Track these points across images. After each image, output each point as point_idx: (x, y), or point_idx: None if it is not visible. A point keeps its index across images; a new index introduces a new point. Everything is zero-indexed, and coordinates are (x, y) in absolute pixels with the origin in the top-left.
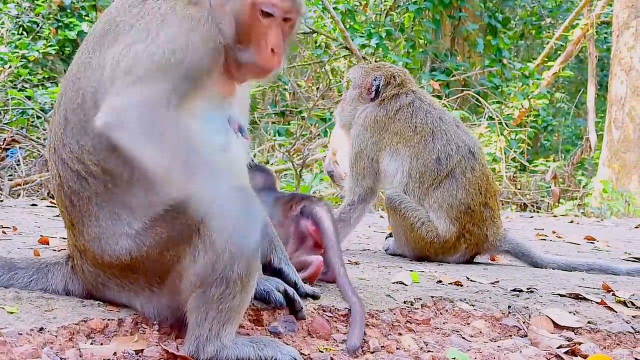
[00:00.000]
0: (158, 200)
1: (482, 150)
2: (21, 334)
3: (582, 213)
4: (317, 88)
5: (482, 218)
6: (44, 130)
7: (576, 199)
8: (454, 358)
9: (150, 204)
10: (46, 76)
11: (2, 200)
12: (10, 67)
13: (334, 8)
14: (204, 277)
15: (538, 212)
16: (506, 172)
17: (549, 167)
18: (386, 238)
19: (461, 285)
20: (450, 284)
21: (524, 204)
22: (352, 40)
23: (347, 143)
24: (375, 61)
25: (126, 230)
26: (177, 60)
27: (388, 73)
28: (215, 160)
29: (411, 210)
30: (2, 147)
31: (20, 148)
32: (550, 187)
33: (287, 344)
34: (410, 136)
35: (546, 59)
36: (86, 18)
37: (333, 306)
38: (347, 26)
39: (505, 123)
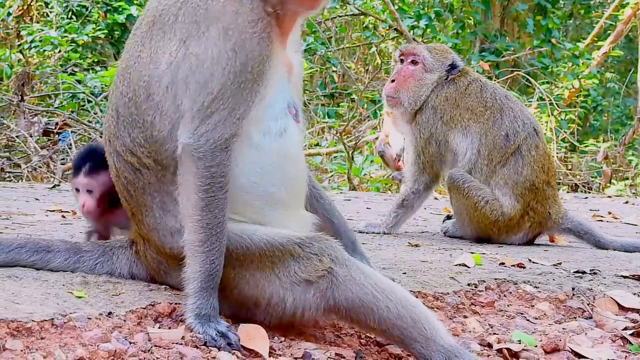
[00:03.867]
0: None
1: (542, 129)
2: (90, 319)
3: (633, 193)
4: (367, 70)
5: (545, 196)
6: (95, 114)
7: (627, 179)
8: (520, 340)
9: None
10: (95, 60)
11: (58, 185)
12: (60, 51)
13: None
14: None
15: (590, 192)
16: (557, 153)
17: (599, 147)
18: (443, 221)
19: (524, 268)
20: (513, 266)
21: (575, 184)
22: (401, 21)
23: (407, 131)
24: (424, 43)
25: (176, 225)
26: (240, 61)
27: (454, 54)
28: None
29: (475, 189)
30: (55, 131)
31: (72, 132)
32: (601, 167)
33: None
34: (481, 112)
35: (596, 39)
36: (135, 1)
37: None
38: (396, 7)
39: (556, 103)
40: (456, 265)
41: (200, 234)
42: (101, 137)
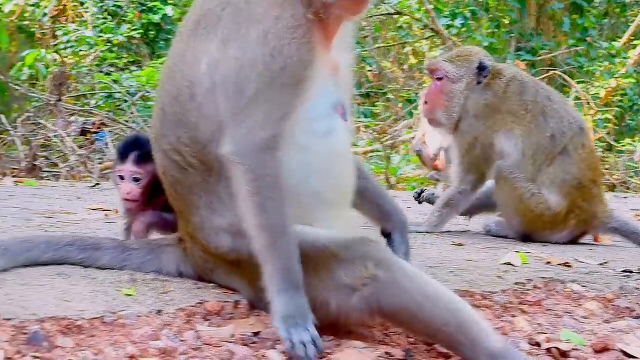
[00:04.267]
0: None
1: (587, 127)
2: (140, 316)
3: None
4: (402, 69)
5: (591, 195)
6: (131, 113)
7: None
8: (568, 340)
9: None
10: (131, 60)
11: (99, 184)
12: (96, 51)
13: None
14: None
15: (628, 192)
16: None
17: (636, 147)
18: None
19: (570, 267)
20: (560, 265)
21: (613, 184)
22: (437, 20)
23: (451, 139)
24: (460, 42)
25: (222, 225)
26: (279, 65)
27: (481, 54)
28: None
29: (522, 180)
30: (92, 131)
31: (109, 132)
32: (639, 167)
33: None
34: (523, 115)
35: (632, 38)
36: (170, 1)
37: None
38: (432, 6)
39: (593, 102)
40: (502, 264)
41: (264, 237)
42: None
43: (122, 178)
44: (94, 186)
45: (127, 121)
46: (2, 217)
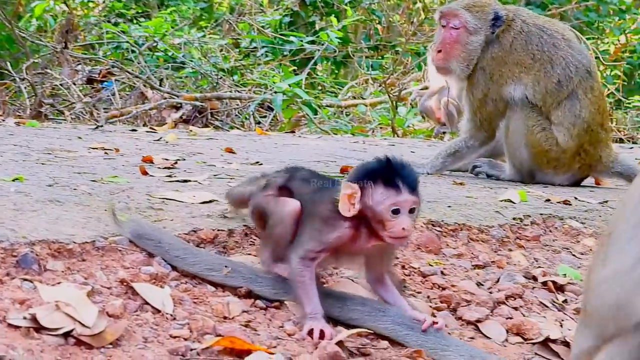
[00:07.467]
0: None
1: (596, 68)
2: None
3: None
4: (411, 22)
5: (598, 139)
6: (138, 63)
7: None
8: (565, 274)
9: None
10: (140, 11)
11: (101, 126)
12: (104, 1)
13: None
14: None
15: (636, 144)
16: None
17: None
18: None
19: (570, 204)
20: (559, 202)
21: (620, 139)
22: None
23: (462, 93)
24: None
25: None
26: None
27: (494, 3)
28: None
29: (536, 114)
30: (98, 79)
31: (115, 80)
32: None
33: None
34: (530, 64)
35: None
36: None
37: (442, 220)
38: None
39: (602, 58)
40: (502, 200)
41: None
42: (145, 86)
43: (395, 212)
44: (96, 128)
45: (134, 70)
46: (0, 152)
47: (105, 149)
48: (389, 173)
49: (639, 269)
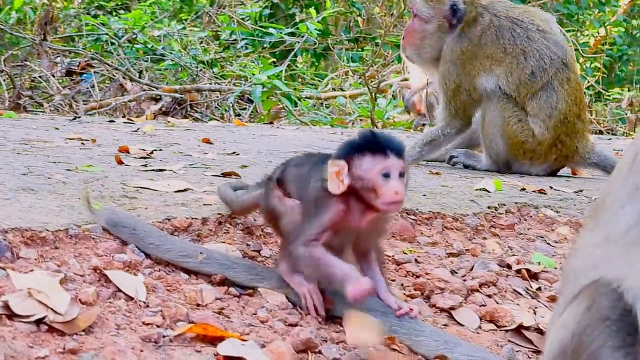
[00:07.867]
0: None
1: (573, 59)
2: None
3: None
4: (391, 14)
5: (575, 130)
6: (118, 55)
7: None
8: (539, 262)
9: None
10: (119, 3)
11: (79, 117)
12: None
13: None
14: None
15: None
16: None
17: (624, 96)
18: None
19: (545, 193)
20: (534, 191)
21: (600, 131)
22: None
23: (435, 81)
24: None
25: None
26: None
27: None
28: None
29: (512, 105)
30: (77, 71)
31: (94, 72)
32: (626, 114)
33: None
34: (501, 57)
35: None
36: None
37: (417, 209)
38: None
39: (582, 50)
40: (477, 190)
41: None
42: (124, 78)
43: (386, 176)
44: (73, 119)
45: (113, 62)
46: None
47: (82, 140)
48: (374, 142)
49: (630, 235)
